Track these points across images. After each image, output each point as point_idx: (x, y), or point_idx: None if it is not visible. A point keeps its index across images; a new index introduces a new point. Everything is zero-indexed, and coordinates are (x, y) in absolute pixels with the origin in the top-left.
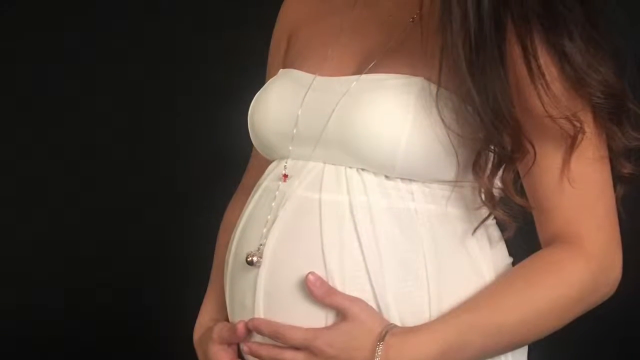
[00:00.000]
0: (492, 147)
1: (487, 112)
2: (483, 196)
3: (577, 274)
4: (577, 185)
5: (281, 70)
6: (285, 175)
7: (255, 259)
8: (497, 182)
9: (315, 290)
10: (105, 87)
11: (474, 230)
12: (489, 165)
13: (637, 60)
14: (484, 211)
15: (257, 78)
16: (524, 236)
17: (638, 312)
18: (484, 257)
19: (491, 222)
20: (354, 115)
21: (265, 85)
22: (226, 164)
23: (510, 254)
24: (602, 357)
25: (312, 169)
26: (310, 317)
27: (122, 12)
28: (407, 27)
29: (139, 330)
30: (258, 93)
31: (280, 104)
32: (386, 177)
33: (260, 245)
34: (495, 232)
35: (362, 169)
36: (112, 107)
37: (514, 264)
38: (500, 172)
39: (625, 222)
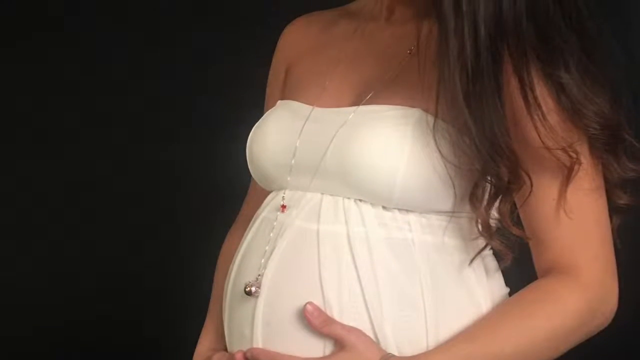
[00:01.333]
0: (489, 178)
1: (484, 143)
2: (480, 227)
3: (574, 304)
4: (573, 216)
5: (279, 101)
6: (284, 206)
7: (253, 289)
8: (494, 213)
9: (313, 320)
10: (105, 118)
11: (471, 261)
12: (486, 196)
13: (633, 91)
14: (481, 241)
15: (255, 109)
16: (520, 266)
17: (635, 341)
18: (481, 287)
19: (488, 252)
20: (352, 147)
21: (264, 116)
22: (225, 195)
23: (507, 284)
24: None
25: (310, 199)
26: (309, 347)
27: (122, 43)
28: (405, 58)
29: None
30: (256, 124)
31: (278, 135)
32: (384, 207)
33: (259, 275)
34: (492, 263)
35: (360, 200)
36: (112, 138)
37: (510, 294)
38: (497, 203)
39: (621, 253)
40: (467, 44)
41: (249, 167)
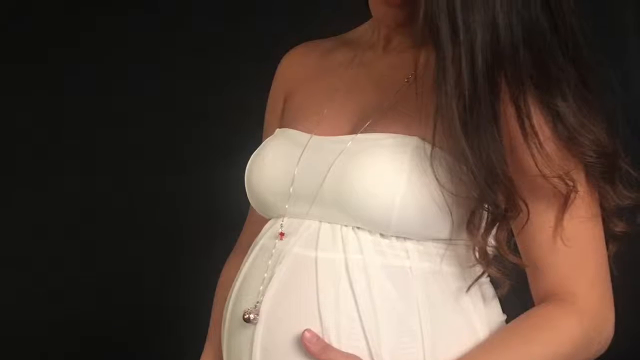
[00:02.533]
0: (486, 206)
1: (481, 171)
2: (477, 254)
3: (570, 331)
4: (570, 244)
5: (278, 129)
6: (282, 234)
7: (252, 316)
8: (491, 240)
9: (312, 347)
10: (104, 149)
11: (468, 288)
12: (483, 224)
13: (629, 119)
14: (478, 269)
15: (254, 137)
16: (517, 293)
17: None
18: (478, 315)
19: (485, 279)
20: (349, 175)
21: (262, 144)
22: (223, 223)
23: (504, 311)
24: None
25: (308, 227)
26: None
27: (122, 73)
28: (402, 87)
29: None
30: (255, 152)
31: (276, 163)
32: (381, 235)
33: (257, 302)
34: (489, 290)
35: (358, 228)
36: (111, 169)
37: (507, 321)
38: (494, 231)
39: (618, 280)
40: (464, 72)
41: (248, 194)
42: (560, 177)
